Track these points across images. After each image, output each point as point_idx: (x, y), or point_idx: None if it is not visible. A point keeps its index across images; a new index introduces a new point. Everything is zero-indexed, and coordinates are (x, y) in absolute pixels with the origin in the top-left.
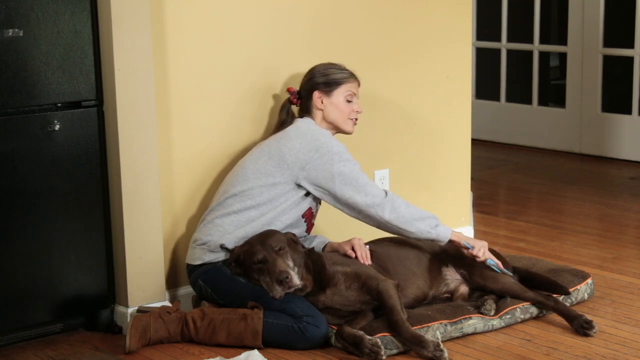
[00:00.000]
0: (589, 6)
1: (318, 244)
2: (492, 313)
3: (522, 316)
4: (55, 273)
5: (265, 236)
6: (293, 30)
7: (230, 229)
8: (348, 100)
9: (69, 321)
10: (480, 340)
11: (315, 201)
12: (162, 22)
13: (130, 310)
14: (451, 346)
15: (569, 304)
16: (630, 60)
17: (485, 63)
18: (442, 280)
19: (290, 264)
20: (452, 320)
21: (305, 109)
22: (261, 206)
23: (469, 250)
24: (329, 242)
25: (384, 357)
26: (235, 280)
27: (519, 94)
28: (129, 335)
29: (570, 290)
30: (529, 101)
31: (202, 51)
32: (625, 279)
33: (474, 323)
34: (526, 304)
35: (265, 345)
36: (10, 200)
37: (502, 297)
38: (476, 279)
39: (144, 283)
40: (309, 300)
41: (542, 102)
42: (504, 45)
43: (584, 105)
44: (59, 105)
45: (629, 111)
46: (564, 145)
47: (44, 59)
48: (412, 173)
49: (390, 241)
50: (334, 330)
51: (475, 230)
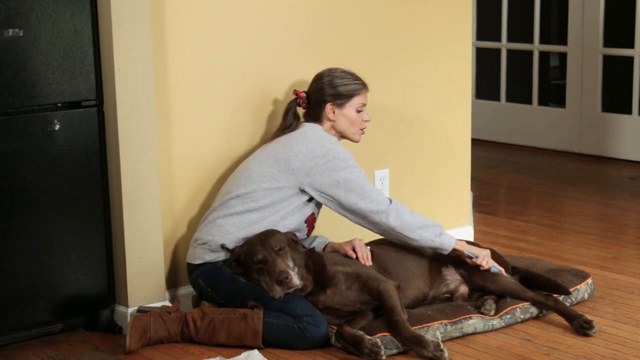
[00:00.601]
0: (589, 6)
1: (318, 244)
2: (492, 313)
3: (522, 316)
4: (55, 273)
5: (266, 236)
6: (293, 30)
7: (232, 229)
8: (358, 111)
9: (69, 321)
10: (480, 340)
11: (318, 207)
12: (162, 22)
13: (130, 310)
14: (451, 346)
15: (569, 304)
16: (630, 60)
17: (485, 63)
18: (442, 281)
19: (290, 264)
20: (452, 320)
21: (314, 115)
22: (263, 209)
23: (472, 259)
24: (329, 243)
25: (384, 357)
26: (235, 280)
27: (519, 94)
28: (129, 335)
29: (571, 290)
30: (529, 101)
31: (202, 51)
32: (625, 279)
33: (474, 323)
34: (526, 304)
35: (265, 345)
36: (10, 200)
37: (502, 297)
38: (476, 279)
39: (144, 283)
40: (309, 300)
41: (542, 102)
42: (504, 45)
43: (584, 105)
44: (59, 105)
45: (629, 111)
46: (564, 145)
47: (44, 59)
48: (412, 173)
49: (391, 242)
50: (334, 330)
51: (475, 230)
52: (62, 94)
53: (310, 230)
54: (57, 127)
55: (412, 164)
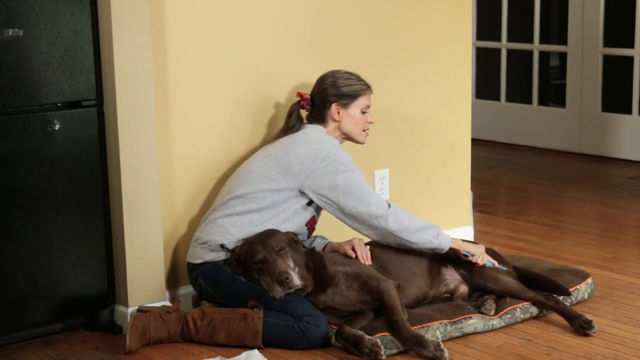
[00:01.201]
0: (589, 6)
1: (318, 244)
2: (492, 313)
3: (522, 316)
4: (55, 273)
5: (266, 236)
6: (293, 30)
7: (232, 230)
8: (363, 112)
9: (69, 321)
10: (480, 340)
11: (318, 210)
12: (162, 22)
13: (130, 310)
14: (451, 346)
15: (569, 304)
16: (630, 60)
17: (485, 63)
18: (442, 280)
19: (291, 264)
20: (452, 320)
21: (318, 116)
22: (263, 210)
23: (468, 258)
24: (329, 242)
25: (384, 357)
26: (235, 280)
27: (519, 93)
28: (129, 335)
29: (571, 290)
30: (529, 101)
31: (202, 51)
32: (625, 278)
33: (474, 323)
34: (526, 304)
35: (265, 345)
36: (10, 200)
37: (502, 297)
38: (476, 279)
39: (144, 283)
40: (310, 300)
41: (542, 102)
42: (504, 45)
43: (584, 105)
44: (59, 105)
45: (629, 111)
46: (564, 145)
47: (44, 59)
48: (412, 173)
49: None
50: (334, 330)
51: (475, 230)
52: (62, 94)
53: (310, 234)
54: (57, 127)
55: (412, 164)
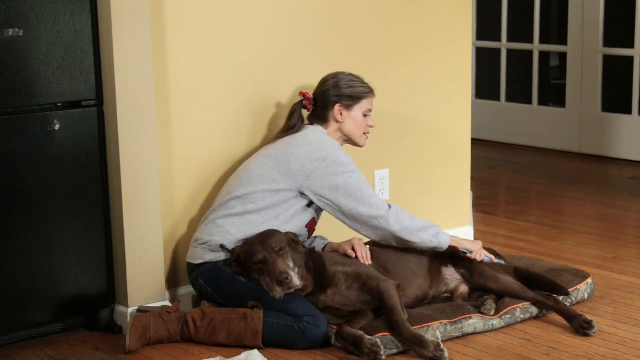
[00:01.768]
0: (589, 6)
1: (318, 245)
2: (492, 313)
3: (522, 316)
4: (55, 273)
5: (266, 236)
6: (293, 31)
7: (232, 230)
8: (365, 115)
9: (69, 321)
10: (480, 340)
11: (318, 212)
12: (162, 22)
13: (130, 310)
14: (451, 346)
15: (569, 304)
16: (630, 60)
17: (485, 63)
18: (442, 280)
19: (291, 264)
20: (452, 320)
21: (320, 117)
22: (263, 211)
23: (466, 255)
24: (329, 243)
25: (384, 357)
26: (235, 280)
27: (519, 93)
28: (129, 335)
29: (570, 290)
30: (529, 101)
31: (202, 51)
32: (625, 279)
33: (474, 323)
34: (526, 304)
35: (265, 345)
36: (10, 200)
37: (502, 297)
38: (476, 278)
39: (144, 283)
40: (310, 300)
41: (542, 102)
42: (504, 45)
43: (584, 105)
44: (59, 105)
45: (629, 111)
46: (564, 145)
47: (44, 59)
48: (412, 173)
49: None
50: (334, 330)
51: (475, 230)
52: (62, 94)
53: (310, 235)
54: (57, 127)
55: (412, 164)
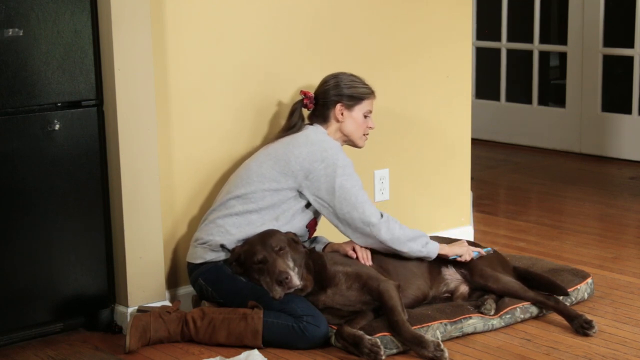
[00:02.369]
0: (589, 6)
1: (319, 244)
2: (492, 313)
3: (522, 316)
4: (55, 273)
5: (266, 236)
6: (293, 30)
7: (232, 230)
8: (365, 116)
9: (69, 321)
10: (480, 340)
11: (318, 212)
12: (162, 22)
13: (130, 310)
14: (451, 346)
15: (569, 304)
16: (630, 60)
17: (485, 63)
18: (442, 280)
19: (291, 264)
20: (452, 320)
21: (321, 116)
22: (262, 210)
23: (457, 259)
24: (329, 243)
25: (384, 357)
26: (236, 280)
27: (519, 93)
28: (129, 335)
29: (570, 290)
30: (529, 101)
31: (202, 51)
32: (625, 278)
33: (474, 323)
34: (526, 304)
35: (265, 344)
36: (10, 200)
37: (502, 297)
38: (476, 278)
39: (144, 283)
40: (310, 300)
41: (542, 102)
42: (504, 45)
43: (584, 105)
44: (59, 105)
45: (629, 111)
46: (564, 145)
47: (44, 59)
48: (412, 173)
49: None
50: (334, 330)
51: (475, 230)
52: (62, 94)
53: (311, 235)
54: (57, 127)
55: (412, 164)
